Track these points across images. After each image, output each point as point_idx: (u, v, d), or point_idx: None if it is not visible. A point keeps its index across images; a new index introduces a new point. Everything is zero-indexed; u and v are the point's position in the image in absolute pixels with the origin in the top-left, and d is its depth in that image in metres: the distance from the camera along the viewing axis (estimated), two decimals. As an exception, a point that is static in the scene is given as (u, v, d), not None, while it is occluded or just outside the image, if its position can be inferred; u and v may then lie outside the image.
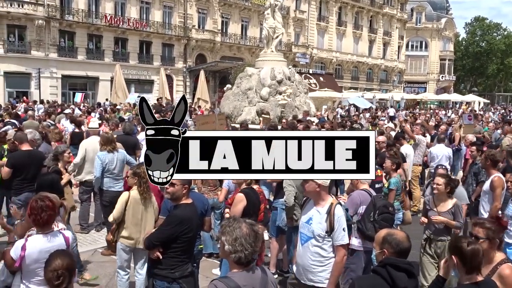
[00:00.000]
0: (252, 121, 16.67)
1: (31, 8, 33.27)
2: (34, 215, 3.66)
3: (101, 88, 36.96)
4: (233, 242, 2.73)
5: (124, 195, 5.48)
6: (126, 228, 5.40)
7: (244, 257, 2.74)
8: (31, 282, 3.67)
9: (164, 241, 4.24)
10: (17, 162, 6.61)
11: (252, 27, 47.57)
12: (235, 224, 2.80)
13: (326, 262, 4.17)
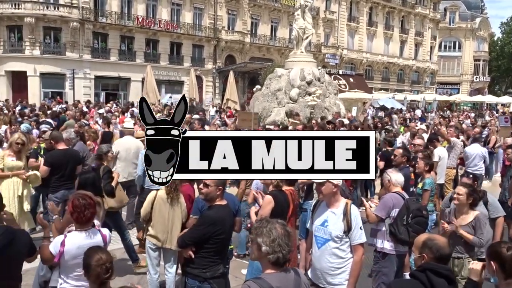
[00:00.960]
0: (281, 122, 16.64)
1: (66, 10, 34.16)
2: (77, 212, 3.74)
3: (133, 88, 37.62)
4: (271, 243, 2.73)
5: (151, 194, 5.56)
6: (152, 227, 5.48)
7: (282, 257, 2.74)
8: (69, 277, 3.76)
9: (196, 240, 4.29)
10: (54, 161, 6.79)
11: (282, 28, 47.51)
12: (270, 225, 2.79)
13: (345, 263, 4.14)
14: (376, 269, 5.38)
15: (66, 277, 3.78)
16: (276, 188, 5.29)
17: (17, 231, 3.66)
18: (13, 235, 3.51)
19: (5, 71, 34.48)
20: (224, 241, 4.40)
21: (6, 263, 3.41)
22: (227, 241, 4.48)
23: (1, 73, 34.84)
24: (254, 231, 2.85)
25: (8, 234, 3.48)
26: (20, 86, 33.88)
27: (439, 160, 9.16)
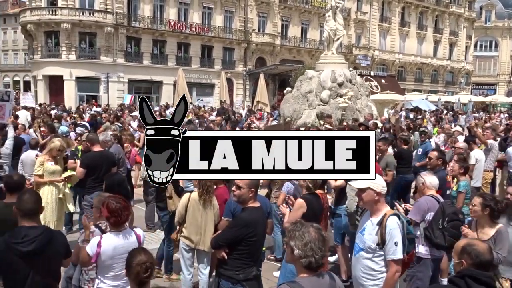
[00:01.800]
0: (312, 124, 16.54)
1: (101, 16, 35.00)
2: (115, 216, 3.81)
3: (165, 91, 38.19)
4: (303, 247, 2.71)
5: (185, 196, 5.62)
6: (186, 228, 5.54)
7: (314, 262, 2.71)
8: (106, 277, 3.84)
9: (229, 242, 4.31)
10: (89, 162, 6.95)
11: (312, 30, 47.31)
12: (304, 229, 2.77)
13: (378, 276, 3.94)
14: (410, 274, 5.26)
15: (102, 277, 3.86)
16: (308, 191, 5.25)
17: (55, 232, 3.77)
18: (51, 235, 3.61)
19: (43, 75, 35.66)
20: (257, 243, 4.39)
21: (46, 262, 3.51)
22: (260, 243, 4.47)
23: (39, 78, 36.07)
24: (288, 234, 2.84)
25: (47, 234, 3.58)
26: (57, 90, 34.93)
27: (476, 163, 8.92)
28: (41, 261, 3.47)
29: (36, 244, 3.44)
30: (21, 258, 3.39)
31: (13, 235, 3.47)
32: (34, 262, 3.44)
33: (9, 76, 61.91)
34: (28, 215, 3.53)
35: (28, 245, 3.41)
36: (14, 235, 3.46)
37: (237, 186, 4.32)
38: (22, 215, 3.53)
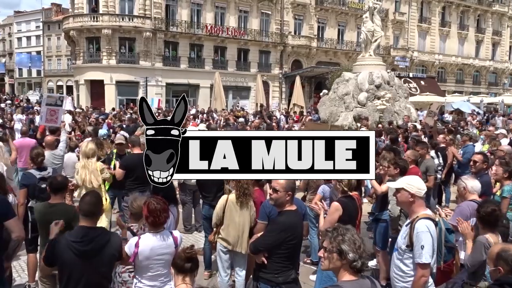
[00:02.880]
0: (349, 126, 16.38)
1: (140, 21, 35.81)
2: (154, 217, 3.86)
3: (201, 95, 38.64)
4: (358, 250, 2.69)
5: (223, 198, 5.65)
6: (223, 230, 5.57)
7: (365, 264, 2.72)
8: (143, 278, 3.91)
9: (269, 247, 4.29)
10: (128, 164, 7.11)
11: (349, 31, 46.83)
12: (350, 232, 2.76)
13: (407, 278, 3.87)
14: (452, 281, 5.11)
15: (140, 277, 3.93)
16: (344, 194, 5.19)
17: (111, 234, 3.87)
18: (109, 237, 3.72)
19: (85, 80, 36.81)
20: (296, 246, 4.36)
21: (101, 263, 3.62)
22: (298, 246, 4.43)
23: (81, 82, 37.25)
24: (333, 239, 2.77)
25: (105, 235, 3.70)
26: (98, 94, 35.94)
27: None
28: (97, 261, 3.57)
29: (94, 244, 3.55)
30: (79, 257, 3.49)
31: (72, 234, 3.59)
32: (90, 262, 3.54)
33: (52, 81, 64.18)
34: (87, 216, 3.63)
35: (86, 244, 3.52)
36: (74, 234, 3.58)
37: (273, 189, 4.29)
38: (82, 215, 3.64)
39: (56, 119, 9.63)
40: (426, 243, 3.70)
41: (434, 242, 3.74)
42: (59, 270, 3.62)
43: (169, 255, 3.92)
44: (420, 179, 4.15)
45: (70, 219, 4.04)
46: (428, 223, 3.78)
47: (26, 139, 9.57)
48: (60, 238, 3.59)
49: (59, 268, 3.60)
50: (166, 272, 3.96)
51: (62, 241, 3.56)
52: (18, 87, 71.74)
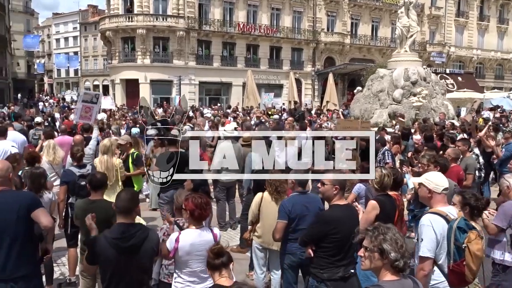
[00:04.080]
0: (384, 124, 16.08)
1: (174, 21, 36.27)
2: (199, 210, 3.91)
3: (234, 93, 38.84)
4: (400, 249, 2.63)
5: (257, 196, 5.64)
6: (258, 228, 5.56)
7: (407, 264, 2.66)
8: (183, 273, 3.94)
9: (312, 238, 4.32)
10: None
11: (383, 27, 46.07)
12: (391, 231, 2.70)
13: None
14: (495, 282, 4.95)
15: (180, 272, 3.97)
16: (381, 192, 5.09)
17: (150, 230, 3.91)
18: (147, 233, 3.76)
19: (120, 79, 37.62)
20: (342, 242, 4.24)
21: (141, 259, 3.67)
22: (345, 242, 4.24)
23: (117, 81, 38.08)
24: (374, 238, 2.71)
25: (143, 231, 3.74)
26: (133, 92, 36.61)
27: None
28: (138, 257, 3.62)
29: (134, 240, 3.60)
30: (120, 254, 3.55)
31: (112, 231, 3.65)
32: (131, 258, 3.59)
33: (89, 80, 65.82)
34: (124, 212, 3.69)
35: (127, 241, 3.57)
36: (114, 231, 3.64)
37: (321, 182, 4.34)
38: (119, 212, 3.70)
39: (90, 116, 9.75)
40: (426, 237, 3.73)
41: (437, 237, 3.73)
42: (101, 268, 3.68)
43: None
44: (441, 175, 4.16)
45: (110, 216, 4.11)
46: (433, 218, 3.79)
47: (65, 137, 9.79)
48: (100, 237, 3.66)
49: (102, 266, 3.67)
50: (206, 269, 3.97)
51: (102, 239, 3.62)
52: (57, 86, 73.98)
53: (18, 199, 3.98)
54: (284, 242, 5.02)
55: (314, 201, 5.05)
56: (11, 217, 3.84)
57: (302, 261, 4.88)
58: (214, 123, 13.59)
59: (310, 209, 4.87)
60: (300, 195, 5.00)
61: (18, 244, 3.88)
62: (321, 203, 5.19)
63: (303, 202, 4.92)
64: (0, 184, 3.97)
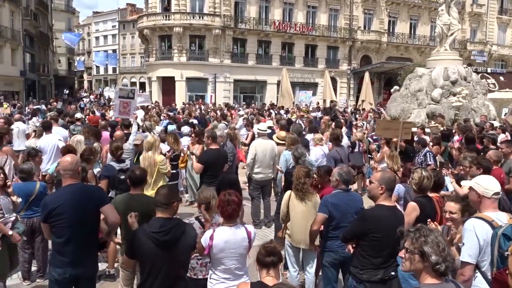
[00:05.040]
0: (422, 124, 15.73)
1: (210, 19, 36.58)
2: (221, 206, 3.98)
3: (269, 91, 38.85)
4: (442, 253, 2.58)
5: (286, 194, 5.64)
6: (289, 226, 5.56)
7: (450, 267, 2.60)
8: (217, 270, 3.98)
9: (351, 234, 4.34)
10: (207, 159, 7.26)
11: (422, 25, 45.05)
12: (434, 234, 2.64)
13: None
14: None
15: (215, 269, 4.01)
16: (421, 194, 4.99)
17: (187, 224, 4.00)
18: (185, 227, 3.85)
19: (157, 76, 38.26)
20: (382, 243, 4.17)
21: (179, 252, 3.75)
22: (385, 243, 4.17)
23: (153, 79, 38.74)
24: (416, 240, 2.67)
25: (181, 226, 3.82)
26: (169, 90, 37.21)
27: None
28: (176, 251, 3.70)
29: (172, 234, 3.68)
30: (159, 247, 3.63)
31: (151, 225, 3.73)
32: (169, 252, 3.66)
33: (126, 77, 67.26)
34: (163, 207, 3.78)
35: (165, 235, 3.65)
36: (153, 225, 3.72)
37: (369, 181, 4.39)
38: (158, 207, 3.79)
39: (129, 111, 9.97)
40: (467, 241, 3.62)
41: (480, 243, 3.59)
42: (141, 261, 3.77)
43: (242, 249, 3.97)
44: (492, 179, 3.97)
45: (149, 210, 4.19)
46: (477, 223, 3.64)
47: (104, 133, 10.05)
48: (138, 230, 3.75)
49: (141, 259, 3.75)
50: (241, 266, 4.00)
51: (141, 233, 3.70)
52: (96, 83, 75.93)
53: (90, 193, 4.27)
54: (325, 239, 5.04)
55: (356, 199, 5.05)
56: (81, 209, 4.09)
57: (343, 259, 4.89)
58: (248, 122, 13.65)
59: (352, 207, 4.89)
60: (343, 193, 5.00)
61: (86, 233, 4.16)
62: (362, 202, 5.17)
63: (346, 200, 4.93)
64: (70, 177, 4.20)
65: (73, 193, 4.12)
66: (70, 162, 4.22)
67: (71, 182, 4.18)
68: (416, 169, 5.13)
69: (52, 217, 4.04)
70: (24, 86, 39.38)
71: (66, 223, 4.04)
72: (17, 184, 5.93)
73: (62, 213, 4.03)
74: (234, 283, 3.92)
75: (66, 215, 4.03)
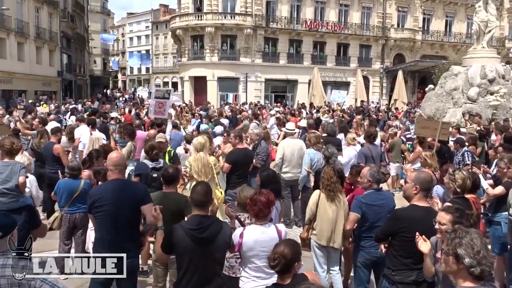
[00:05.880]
0: (457, 124, 15.36)
1: (241, 18, 36.74)
2: (249, 205, 4.02)
3: (300, 90, 38.70)
4: (476, 255, 2.51)
5: (315, 193, 5.59)
6: (316, 225, 5.51)
7: (486, 271, 2.52)
8: (248, 268, 4.01)
9: (383, 234, 4.31)
10: (236, 159, 7.29)
11: (458, 22, 43.94)
12: (470, 235, 2.58)
13: None
14: None
15: (245, 267, 4.04)
16: (456, 195, 4.88)
17: (224, 223, 4.03)
18: (221, 225, 3.88)
19: (189, 76, 38.70)
20: (414, 243, 4.02)
21: (215, 250, 3.79)
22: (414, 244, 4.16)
23: (186, 79, 39.21)
24: (451, 241, 2.63)
25: (218, 223, 3.86)
26: (201, 89, 37.60)
27: None
28: (212, 248, 3.74)
29: (209, 232, 3.72)
30: (197, 244, 3.68)
31: (189, 222, 3.80)
32: (206, 249, 3.71)
33: (159, 77, 68.28)
34: (200, 205, 3.82)
35: (202, 232, 3.70)
36: (190, 222, 3.79)
37: (405, 180, 4.43)
38: (195, 205, 3.85)
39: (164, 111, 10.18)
40: None
41: None
42: (178, 257, 3.81)
43: None
44: None
45: (182, 208, 4.25)
46: None
47: (139, 132, 10.24)
48: (176, 226, 3.79)
49: (178, 255, 3.80)
50: None
51: (179, 229, 3.74)
52: (129, 83, 77.39)
53: (132, 190, 4.44)
54: (358, 239, 5.02)
55: (388, 199, 5.00)
56: (124, 204, 4.26)
57: (376, 259, 4.86)
58: (280, 121, 13.65)
59: (385, 206, 4.86)
60: (375, 193, 4.97)
61: (127, 228, 4.29)
62: (394, 202, 5.12)
63: (379, 200, 4.91)
64: (119, 172, 4.41)
65: (115, 187, 4.31)
66: (118, 157, 4.46)
67: (116, 177, 4.37)
68: (456, 169, 5.02)
69: (94, 208, 4.26)
70: (61, 86, 40.55)
71: (105, 215, 4.22)
72: (63, 180, 6.17)
73: (102, 205, 4.22)
74: (265, 282, 3.92)
75: (106, 208, 4.22)
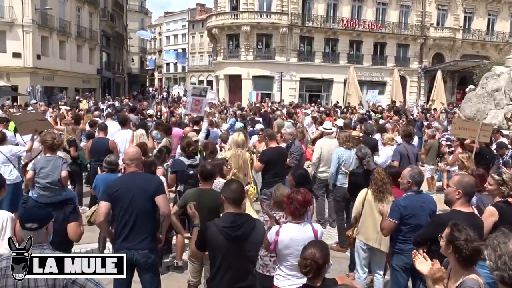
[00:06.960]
0: (499, 126, 14.87)
1: (277, 17, 36.71)
2: (286, 203, 4.03)
3: (335, 89, 38.37)
4: (497, 259, 2.45)
5: (362, 193, 5.53)
6: (362, 225, 5.46)
7: (507, 277, 2.42)
8: (283, 266, 4.01)
9: (423, 238, 4.18)
10: (269, 158, 7.29)
11: (501, 21, 42.49)
12: (502, 239, 2.50)
13: None
14: None
15: (280, 265, 4.04)
16: (502, 199, 4.71)
17: (257, 220, 4.06)
18: (255, 223, 3.90)
19: (224, 75, 38.97)
20: None
21: (248, 248, 3.81)
22: None
23: (221, 77, 39.51)
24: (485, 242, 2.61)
25: (251, 221, 3.88)
26: (235, 88, 37.81)
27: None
28: (245, 246, 3.76)
29: (243, 230, 3.74)
30: (230, 242, 3.70)
31: (222, 220, 3.82)
32: (239, 247, 3.73)
33: (195, 76, 69.06)
34: (233, 203, 3.84)
35: (236, 230, 3.72)
36: (224, 220, 3.80)
37: (447, 184, 4.25)
38: (228, 202, 3.86)
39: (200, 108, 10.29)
40: None
41: None
42: (211, 254, 3.84)
43: None
44: None
45: (218, 205, 4.28)
46: None
47: (175, 129, 10.40)
48: (210, 224, 3.81)
49: (211, 253, 3.83)
50: None
51: (213, 227, 3.76)
52: (166, 81, 78.63)
53: (148, 181, 4.57)
54: (396, 242, 4.90)
55: (428, 201, 4.87)
56: (140, 196, 4.37)
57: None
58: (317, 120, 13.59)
59: (425, 209, 4.74)
60: (415, 195, 4.84)
61: (142, 220, 4.39)
62: (435, 204, 4.99)
63: (419, 202, 4.78)
64: (135, 166, 4.59)
65: (132, 180, 4.46)
66: (135, 152, 4.64)
67: (133, 171, 4.54)
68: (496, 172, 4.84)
69: (112, 199, 4.37)
70: (100, 83, 41.65)
71: (123, 207, 4.34)
72: (101, 175, 6.35)
73: (120, 197, 4.35)
74: (300, 281, 3.89)
75: (123, 199, 4.34)
